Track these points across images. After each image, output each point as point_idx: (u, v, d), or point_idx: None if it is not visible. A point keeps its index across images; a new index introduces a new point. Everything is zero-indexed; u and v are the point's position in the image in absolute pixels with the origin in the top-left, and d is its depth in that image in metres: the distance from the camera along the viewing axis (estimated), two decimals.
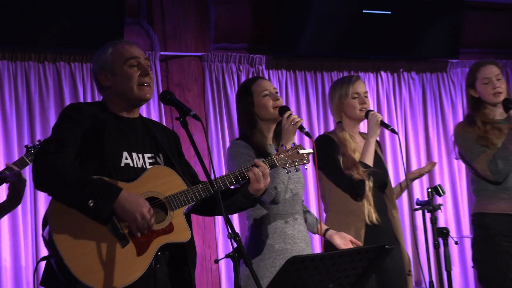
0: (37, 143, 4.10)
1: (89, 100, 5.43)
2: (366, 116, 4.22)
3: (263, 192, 3.21)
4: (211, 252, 5.67)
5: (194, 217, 3.23)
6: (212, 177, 2.99)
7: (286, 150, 3.33)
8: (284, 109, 3.78)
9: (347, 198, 4.14)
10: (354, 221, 4.13)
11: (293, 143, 3.72)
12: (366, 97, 4.27)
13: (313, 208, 5.72)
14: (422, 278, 6.13)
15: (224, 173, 5.47)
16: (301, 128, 3.68)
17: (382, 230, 4.15)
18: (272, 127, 3.89)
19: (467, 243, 6.55)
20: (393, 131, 4.20)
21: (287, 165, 3.31)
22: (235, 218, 5.75)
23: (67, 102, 5.37)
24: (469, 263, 6.51)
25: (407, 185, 4.65)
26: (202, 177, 3.26)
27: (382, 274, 4.08)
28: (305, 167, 3.40)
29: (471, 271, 6.53)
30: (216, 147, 5.79)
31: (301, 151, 3.34)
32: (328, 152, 4.16)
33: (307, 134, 3.69)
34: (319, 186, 4.27)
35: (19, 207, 5.11)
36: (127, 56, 3.08)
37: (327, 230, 4.05)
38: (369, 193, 4.13)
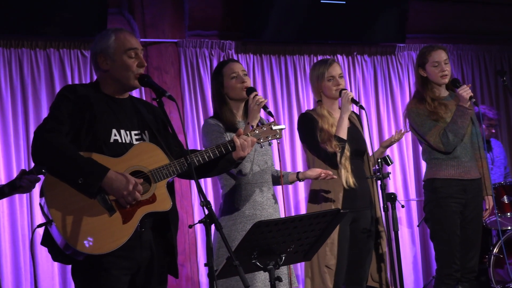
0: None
1: (76, 82, 5.38)
2: (340, 95, 4.24)
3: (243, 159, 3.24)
4: (188, 217, 5.68)
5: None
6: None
7: (260, 127, 3.30)
8: (250, 90, 3.75)
9: (327, 166, 4.18)
10: (333, 185, 4.18)
11: (260, 121, 3.73)
12: (341, 77, 4.29)
13: None
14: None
15: (198, 147, 5.47)
16: (264, 107, 3.67)
17: (359, 194, 4.21)
18: (241, 106, 3.87)
19: (414, 205, 6.64)
20: (361, 107, 4.21)
21: (261, 140, 3.29)
22: (209, 188, 5.77)
23: (57, 84, 5.34)
24: (415, 222, 6.61)
25: (381, 153, 4.78)
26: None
27: (354, 233, 4.19)
28: (278, 141, 3.40)
29: (416, 230, 6.62)
30: (192, 124, 5.78)
31: (274, 127, 3.31)
32: (308, 128, 4.24)
33: (270, 113, 3.68)
34: (306, 158, 4.35)
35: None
36: (128, 47, 3.03)
37: (298, 173, 4.11)
38: (346, 161, 4.17)
